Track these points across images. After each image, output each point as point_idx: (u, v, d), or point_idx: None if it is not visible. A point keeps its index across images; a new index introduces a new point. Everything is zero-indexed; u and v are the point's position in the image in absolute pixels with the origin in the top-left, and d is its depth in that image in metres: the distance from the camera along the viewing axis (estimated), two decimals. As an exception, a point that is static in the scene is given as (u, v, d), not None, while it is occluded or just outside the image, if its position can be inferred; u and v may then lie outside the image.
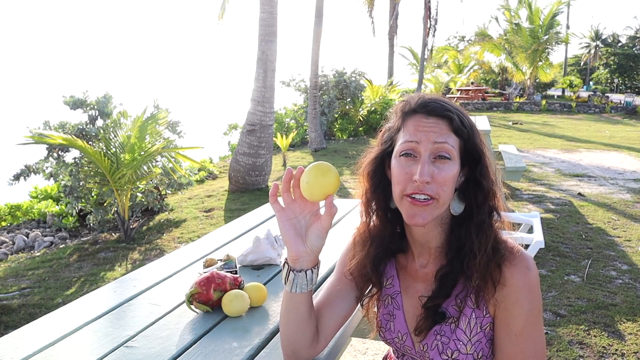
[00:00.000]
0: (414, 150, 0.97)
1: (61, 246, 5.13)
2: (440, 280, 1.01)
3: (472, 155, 1.00)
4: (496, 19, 25.38)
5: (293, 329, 1.06)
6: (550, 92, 29.80)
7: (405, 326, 1.09)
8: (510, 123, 15.59)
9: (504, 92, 25.86)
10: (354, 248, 1.13)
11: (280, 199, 1.00)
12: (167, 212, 5.98)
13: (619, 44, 39.13)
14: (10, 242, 5.30)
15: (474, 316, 0.99)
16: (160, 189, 5.95)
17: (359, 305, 1.16)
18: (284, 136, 9.19)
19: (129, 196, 5.14)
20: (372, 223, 1.10)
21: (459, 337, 0.99)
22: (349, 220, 2.37)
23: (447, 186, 0.96)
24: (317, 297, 1.15)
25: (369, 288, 1.14)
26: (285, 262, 1.03)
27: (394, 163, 1.00)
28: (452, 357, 1.00)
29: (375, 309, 1.16)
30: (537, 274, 0.97)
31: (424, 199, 0.96)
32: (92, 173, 5.17)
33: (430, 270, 1.06)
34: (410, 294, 1.09)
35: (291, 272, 1.01)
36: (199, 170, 8.33)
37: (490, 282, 0.96)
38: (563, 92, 29.88)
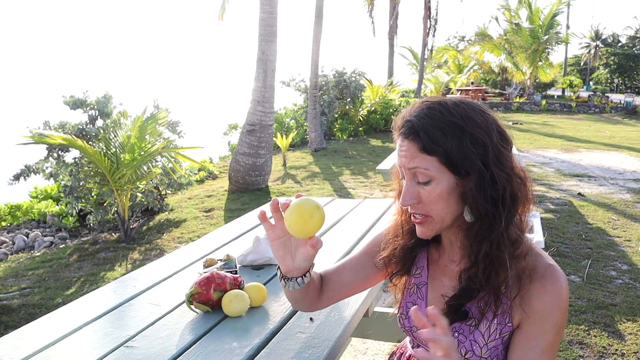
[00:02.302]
0: (402, 173, 0.98)
1: (61, 246, 5.12)
2: (466, 282, 0.99)
3: (464, 168, 0.93)
4: (496, 19, 25.43)
5: (293, 301, 1.14)
6: (550, 92, 29.81)
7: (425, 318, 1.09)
8: (510, 123, 15.59)
9: (504, 92, 25.87)
10: (387, 236, 1.15)
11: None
12: (167, 212, 5.98)
13: (619, 44, 39.15)
14: (10, 242, 5.30)
15: (495, 322, 0.97)
16: (160, 189, 5.95)
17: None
18: (284, 136, 9.19)
19: (129, 196, 5.14)
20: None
21: (476, 339, 0.99)
22: (350, 220, 2.37)
23: (434, 205, 0.95)
24: (335, 264, 1.21)
25: (397, 271, 1.16)
26: (278, 267, 1.07)
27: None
28: (465, 356, 1.00)
29: (400, 295, 1.17)
30: (568, 291, 0.96)
31: (419, 216, 0.97)
32: (92, 173, 5.17)
33: (458, 268, 1.05)
34: (436, 287, 1.09)
35: (283, 278, 1.07)
36: (199, 170, 8.33)
37: (517, 294, 0.94)
38: (563, 92, 29.89)
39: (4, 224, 5.92)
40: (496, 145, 0.93)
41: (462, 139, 0.92)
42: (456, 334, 1.01)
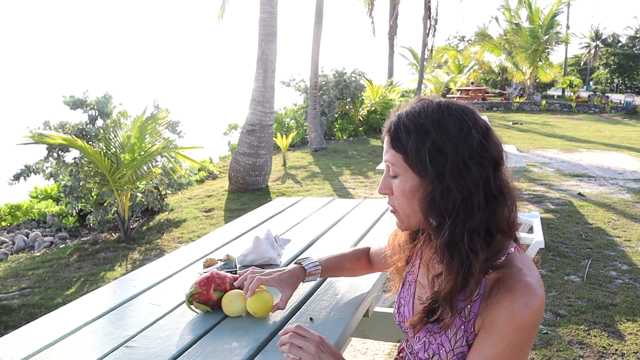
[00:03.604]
0: None
1: (61, 246, 5.13)
2: (436, 286, 1.01)
3: (417, 170, 0.94)
4: (496, 19, 25.45)
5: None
6: (550, 92, 29.81)
7: (410, 314, 1.10)
8: (510, 123, 15.60)
9: (504, 92, 25.86)
10: (392, 237, 1.23)
11: None
12: (167, 212, 5.98)
13: (619, 44, 39.15)
14: (10, 242, 5.30)
15: (462, 329, 0.97)
16: (160, 189, 5.95)
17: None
18: (284, 136, 9.19)
19: (129, 196, 5.14)
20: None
21: (442, 343, 0.99)
22: (350, 219, 2.37)
23: (400, 199, 1.00)
24: (378, 243, 1.43)
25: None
26: None
27: None
28: (432, 358, 1.00)
29: (398, 286, 1.21)
30: (535, 313, 0.89)
31: (392, 207, 1.04)
32: (92, 173, 5.17)
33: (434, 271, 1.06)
34: (422, 286, 1.10)
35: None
36: (199, 170, 8.33)
37: (486, 305, 0.93)
38: (563, 92, 29.88)
39: (4, 224, 5.92)
40: (462, 159, 0.90)
41: (424, 142, 0.92)
42: (428, 335, 1.02)
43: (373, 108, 13.14)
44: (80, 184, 5.17)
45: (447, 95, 21.21)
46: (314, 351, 1.00)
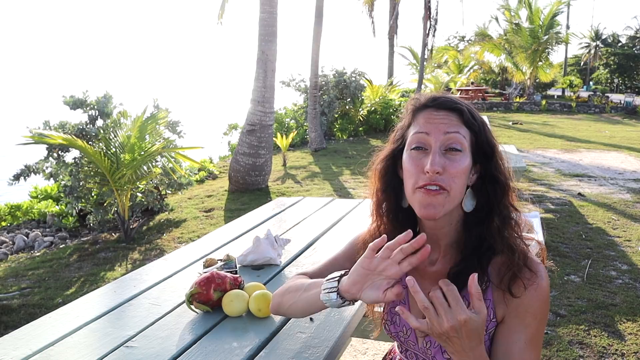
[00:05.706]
0: (425, 142, 0.97)
1: (61, 246, 5.12)
2: (453, 278, 0.98)
3: (484, 150, 1.00)
4: (496, 19, 25.39)
5: (304, 313, 1.15)
6: (550, 92, 29.80)
7: None
8: (510, 123, 15.59)
9: (504, 92, 25.86)
10: (365, 245, 1.12)
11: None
12: (167, 212, 5.98)
13: (619, 44, 39.11)
14: (10, 242, 5.30)
15: None
16: (160, 189, 5.95)
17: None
18: (284, 136, 9.19)
19: (129, 196, 5.14)
20: (383, 225, 1.09)
21: None
22: (350, 220, 2.37)
23: (458, 178, 0.95)
24: (318, 265, 1.22)
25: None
26: (337, 290, 0.99)
27: (405, 157, 1.01)
28: None
29: (380, 309, 1.16)
30: (548, 282, 0.99)
31: (436, 189, 0.95)
32: (92, 173, 5.17)
33: (439, 269, 1.05)
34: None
35: (339, 296, 0.99)
36: (199, 170, 8.33)
37: (506, 286, 0.95)
38: (563, 92, 29.86)
39: (4, 224, 5.91)
40: (501, 153, 1.03)
41: (486, 127, 1.02)
42: None
43: (373, 108, 13.14)
44: (80, 184, 5.16)
45: (447, 95, 21.16)
46: (446, 329, 0.85)
